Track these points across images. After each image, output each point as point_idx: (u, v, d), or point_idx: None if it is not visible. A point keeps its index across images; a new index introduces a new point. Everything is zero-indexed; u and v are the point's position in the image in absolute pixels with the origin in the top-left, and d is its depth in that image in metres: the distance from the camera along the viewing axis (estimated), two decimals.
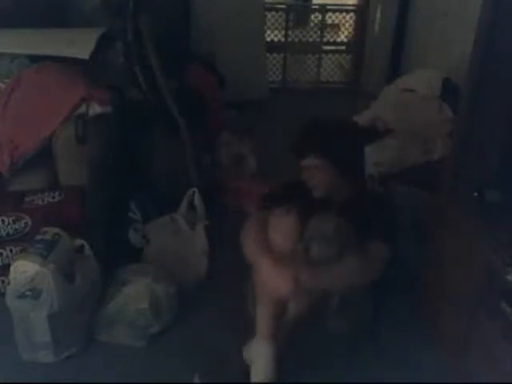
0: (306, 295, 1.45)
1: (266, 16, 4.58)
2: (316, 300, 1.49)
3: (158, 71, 2.43)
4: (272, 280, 1.42)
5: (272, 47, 4.76)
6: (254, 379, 1.48)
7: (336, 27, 5.24)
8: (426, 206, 2.22)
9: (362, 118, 3.02)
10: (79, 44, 2.28)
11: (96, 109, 2.08)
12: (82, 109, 2.06)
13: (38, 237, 1.74)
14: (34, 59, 2.26)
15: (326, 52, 5.03)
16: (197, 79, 3.07)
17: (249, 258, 1.52)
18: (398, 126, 2.79)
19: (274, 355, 1.47)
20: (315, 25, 5.19)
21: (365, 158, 1.76)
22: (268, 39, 4.71)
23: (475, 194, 1.61)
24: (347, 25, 4.97)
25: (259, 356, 1.48)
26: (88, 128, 2.06)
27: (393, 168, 2.58)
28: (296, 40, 4.95)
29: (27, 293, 1.63)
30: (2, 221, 1.89)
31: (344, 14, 4.90)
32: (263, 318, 1.50)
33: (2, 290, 1.89)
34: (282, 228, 1.53)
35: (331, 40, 5.18)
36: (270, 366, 1.46)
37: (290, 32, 4.90)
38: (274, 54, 4.86)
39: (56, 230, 1.77)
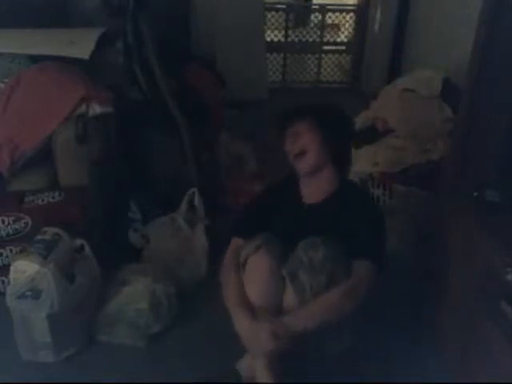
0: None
1: (266, 16, 4.58)
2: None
3: (158, 71, 2.43)
4: (250, 339, 1.41)
5: (272, 47, 4.77)
6: None
7: (336, 27, 5.24)
8: (426, 206, 2.22)
9: (362, 118, 3.02)
10: (79, 44, 2.28)
11: (96, 109, 2.08)
12: (82, 109, 2.07)
13: (38, 237, 1.74)
14: (34, 59, 2.26)
15: (326, 52, 5.04)
16: (197, 79, 3.07)
17: (227, 306, 1.50)
18: (397, 126, 2.79)
19: None
20: (315, 25, 5.20)
21: (351, 152, 1.73)
22: (268, 39, 4.72)
23: (475, 194, 1.61)
24: (347, 25, 4.97)
25: None
26: (88, 128, 2.06)
27: (393, 168, 2.58)
28: (296, 40, 4.95)
29: (27, 293, 1.63)
30: (2, 221, 1.89)
31: (344, 14, 4.90)
32: (259, 367, 1.43)
33: (2, 290, 1.90)
34: (255, 269, 1.49)
35: (331, 40, 5.18)
36: None
37: (289, 32, 4.90)
38: (274, 54, 4.87)
39: (56, 229, 1.77)
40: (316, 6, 5.34)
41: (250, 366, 1.49)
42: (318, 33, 4.95)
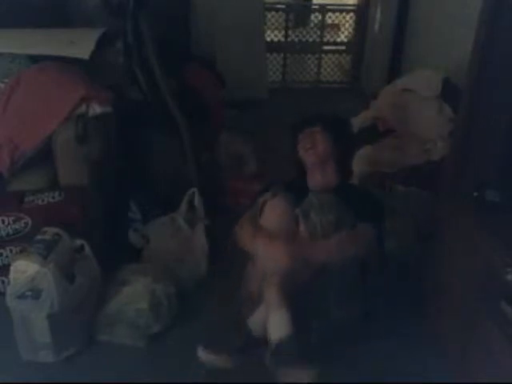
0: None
1: (266, 16, 4.58)
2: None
3: (158, 71, 2.43)
4: (266, 257, 1.59)
5: (272, 47, 4.76)
6: (274, 337, 1.49)
7: (336, 27, 5.24)
8: (426, 206, 2.22)
9: (362, 118, 3.02)
10: (79, 44, 2.28)
11: (96, 109, 2.08)
12: (82, 109, 2.07)
13: (38, 237, 1.74)
14: (34, 59, 2.26)
15: (326, 52, 5.03)
16: (197, 79, 3.07)
17: (244, 244, 1.72)
18: (398, 126, 2.79)
19: (291, 318, 1.48)
20: (315, 25, 5.20)
21: (352, 160, 2.03)
22: (268, 39, 4.71)
23: (475, 194, 1.61)
24: (347, 25, 4.97)
25: (276, 321, 1.49)
26: (88, 128, 2.06)
27: (393, 168, 2.58)
28: (296, 40, 4.95)
29: (27, 293, 1.63)
30: (2, 221, 1.89)
31: (344, 14, 4.90)
32: (272, 292, 1.52)
33: (2, 290, 1.90)
34: (272, 208, 1.71)
35: (331, 40, 5.18)
36: (288, 325, 1.48)
37: (289, 32, 4.90)
38: (274, 54, 4.86)
39: (56, 229, 1.77)
40: (316, 6, 5.33)
41: (259, 322, 1.58)
42: (318, 33, 4.94)
